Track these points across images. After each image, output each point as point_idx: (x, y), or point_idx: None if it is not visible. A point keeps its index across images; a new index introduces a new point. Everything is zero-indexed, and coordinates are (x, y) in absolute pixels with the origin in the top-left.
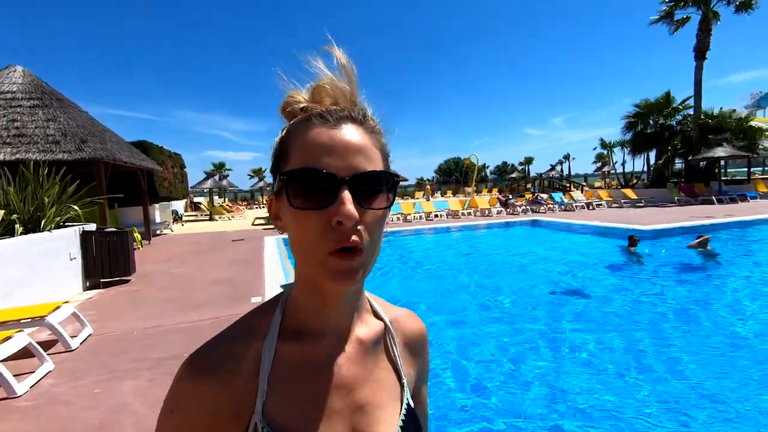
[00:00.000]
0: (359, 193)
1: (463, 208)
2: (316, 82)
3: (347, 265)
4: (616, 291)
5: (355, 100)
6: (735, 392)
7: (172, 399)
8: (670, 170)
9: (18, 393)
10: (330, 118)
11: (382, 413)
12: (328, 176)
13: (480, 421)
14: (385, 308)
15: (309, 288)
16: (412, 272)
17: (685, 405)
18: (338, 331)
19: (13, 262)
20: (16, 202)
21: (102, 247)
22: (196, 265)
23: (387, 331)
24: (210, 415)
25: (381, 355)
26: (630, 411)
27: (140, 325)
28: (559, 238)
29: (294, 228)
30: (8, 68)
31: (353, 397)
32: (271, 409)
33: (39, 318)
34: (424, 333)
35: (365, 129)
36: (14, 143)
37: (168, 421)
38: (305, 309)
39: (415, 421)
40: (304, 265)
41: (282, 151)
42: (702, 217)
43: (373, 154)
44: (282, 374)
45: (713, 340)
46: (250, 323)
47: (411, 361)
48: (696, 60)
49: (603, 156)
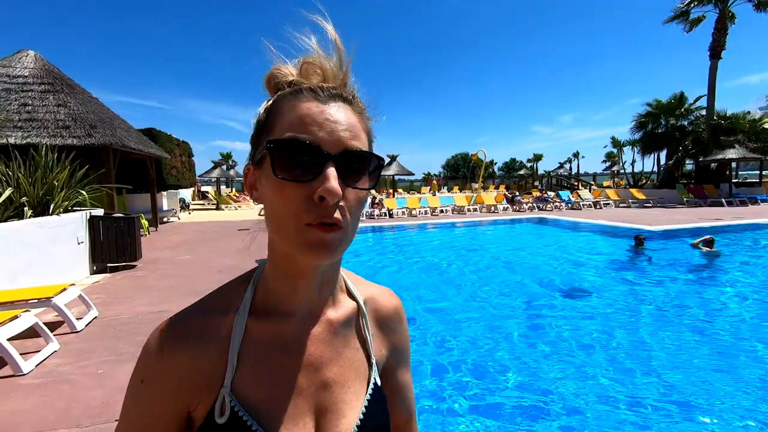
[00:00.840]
0: (344, 170)
1: (468, 204)
2: (304, 58)
3: (325, 238)
4: (619, 289)
5: (346, 80)
6: (731, 394)
7: (142, 368)
8: (680, 171)
9: (24, 371)
10: (321, 94)
11: (348, 392)
12: (316, 150)
13: (485, 411)
14: (361, 286)
15: (281, 265)
16: (412, 266)
17: (684, 397)
18: (308, 311)
19: (22, 244)
20: (26, 185)
21: (109, 232)
22: (202, 253)
23: (359, 311)
24: (177, 385)
25: (351, 335)
26: (625, 405)
27: (145, 309)
28: (565, 236)
29: (274, 198)
30: (20, 53)
31: (319, 375)
32: (238, 383)
33: (45, 299)
34: (399, 310)
35: (354, 110)
36: (25, 127)
37: (137, 391)
38: (276, 286)
39: (382, 401)
40: (278, 238)
41: (268, 119)
42: (710, 219)
43: (361, 134)
44: (251, 350)
45: (716, 339)
46: (222, 298)
47: (384, 339)
48: (711, 59)
49: (613, 155)
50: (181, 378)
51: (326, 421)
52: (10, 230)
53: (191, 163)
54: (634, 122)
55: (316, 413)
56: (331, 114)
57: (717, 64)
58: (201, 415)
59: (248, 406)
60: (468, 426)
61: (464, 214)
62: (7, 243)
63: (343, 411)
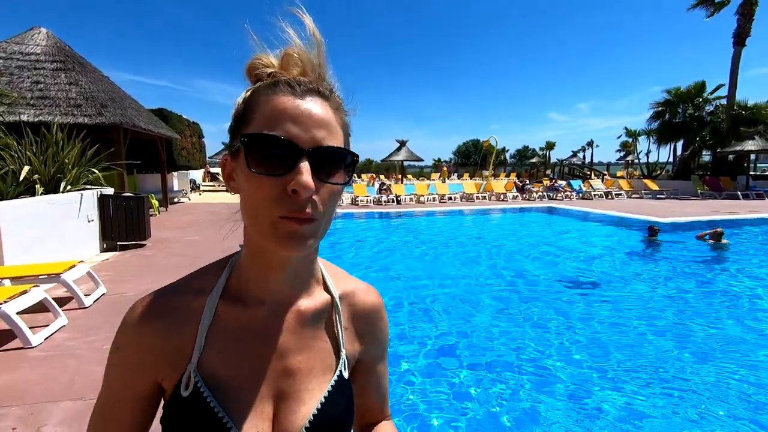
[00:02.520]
0: (318, 166)
1: (478, 192)
2: (285, 50)
3: (297, 230)
4: (628, 281)
5: (324, 74)
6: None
7: (118, 338)
8: (696, 162)
9: (32, 344)
10: (297, 88)
11: (311, 381)
12: (289, 145)
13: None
14: (340, 281)
15: (255, 254)
16: (416, 252)
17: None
18: (278, 299)
19: (33, 221)
20: (37, 163)
21: (119, 210)
22: (211, 234)
23: (333, 305)
24: (148, 356)
25: (321, 327)
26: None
27: (152, 287)
28: (575, 226)
29: (248, 190)
30: (32, 30)
31: (284, 363)
32: (205, 361)
33: (55, 275)
34: (378, 306)
35: (331, 105)
36: (38, 105)
37: (113, 358)
38: (249, 274)
39: (346, 392)
40: (252, 229)
41: (245, 112)
42: (724, 212)
43: (336, 130)
44: (219, 332)
45: (729, 332)
46: (198, 279)
47: (359, 334)
48: (734, 47)
49: (627, 144)
50: (150, 350)
51: (285, 406)
52: (22, 206)
53: (201, 144)
54: (651, 111)
55: (277, 398)
56: (306, 109)
57: (741, 51)
58: (169, 387)
59: (211, 385)
60: (474, 410)
61: (473, 202)
62: (18, 219)
63: (303, 399)
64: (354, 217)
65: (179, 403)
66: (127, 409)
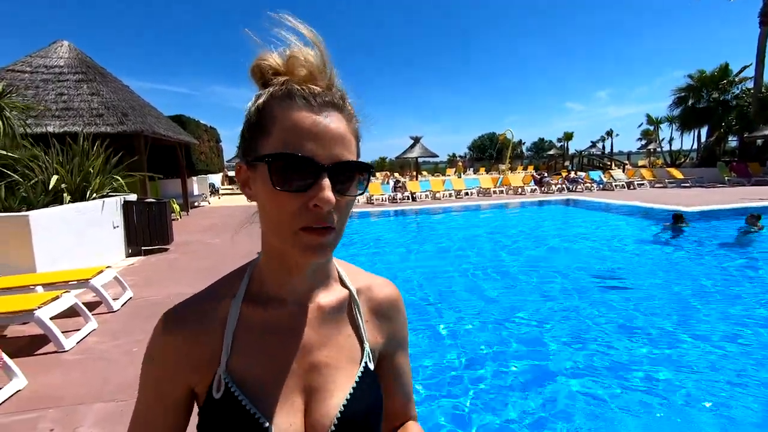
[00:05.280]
0: (336, 180)
1: (495, 186)
2: (290, 51)
3: (318, 240)
4: (654, 272)
5: (333, 80)
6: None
7: (150, 348)
8: (722, 148)
9: (66, 348)
10: (313, 102)
11: (338, 375)
12: (312, 163)
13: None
14: (355, 276)
15: (274, 258)
16: (431, 249)
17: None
18: (300, 298)
19: (61, 229)
20: (64, 172)
21: (142, 216)
22: (231, 237)
23: (351, 299)
24: (180, 362)
25: (343, 321)
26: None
27: (177, 291)
28: (595, 218)
29: (270, 205)
30: (56, 43)
31: (310, 358)
32: (233, 364)
33: (84, 280)
34: (395, 300)
35: (344, 116)
36: (62, 116)
37: (147, 367)
38: (269, 276)
39: (373, 383)
40: (273, 237)
41: (261, 122)
42: (754, 199)
43: (351, 143)
44: (245, 333)
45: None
46: (221, 285)
47: (380, 327)
48: (760, 27)
49: (649, 133)
50: (181, 357)
51: (315, 400)
52: (51, 215)
53: (219, 149)
54: (673, 96)
55: (306, 393)
56: (324, 126)
57: (767, 31)
58: (202, 392)
59: (242, 385)
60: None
61: (490, 197)
62: (49, 228)
63: (331, 391)
64: (370, 216)
65: (213, 406)
66: (162, 416)
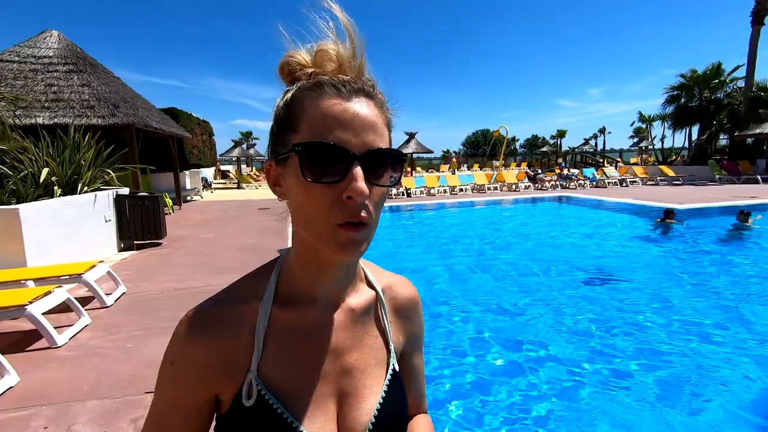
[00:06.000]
0: (369, 169)
1: (489, 183)
2: (318, 45)
3: (354, 237)
4: (644, 268)
5: (363, 69)
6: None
7: (172, 352)
8: (713, 147)
9: (58, 344)
10: (343, 90)
11: (368, 377)
12: (343, 151)
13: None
14: (378, 275)
15: (306, 256)
16: (427, 246)
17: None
18: (330, 299)
19: (52, 222)
20: (54, 165)
21: (135, 210)
22: (224, 231)
23: (378, 300)
24: (205, 369)
25: (371, 323)
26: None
27: (171, 286)
28: (588, 215)
29: (302, 199)
30: (44, 33)
31: (341, 362)
32: (264, 368)
33: (77, 275)
34: (415, 298)
35: (375, 103)
36: (52, 107)
37: (168, 372)
38: (300, 276)
39: (401, 386)
40: (306, 233)
41: (289, 116)
42: (745, 197)
43: (383, 130)
44: (275, 336)
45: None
46: (247, 286)
47: (401, 327)
48: (752, 26)
49: (641, 130)
50: (206, 362)
51: (348, 405)
52: (42, 208)
53: (212, 143)
54: (665, 95)
55: (338, 398)
56: (354, 112)
57: (759, 30)
58: (228, 398)
59: (274, 390)
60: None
61: (484, 193)
62: (39, 221)
63: (364, 395)
64: None
65: (242, 413)
66: (181, 423)
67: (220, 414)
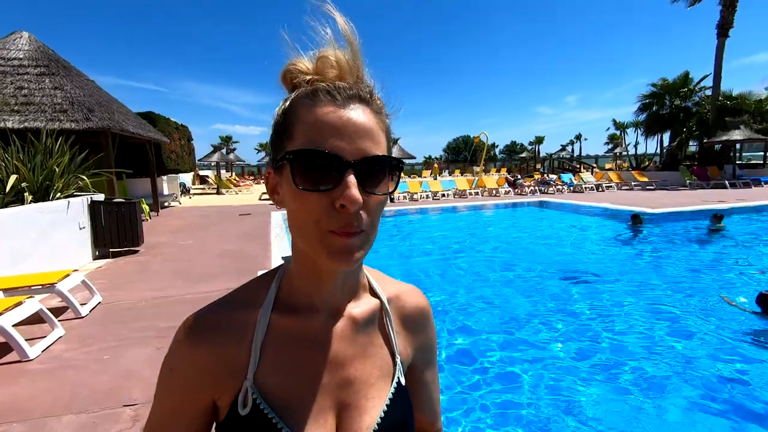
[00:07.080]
0: (364, 177)
1: (470, 188)
2: (319, 52)
3: (346, 244)
4: (619, 272)
5: (361, 75)
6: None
7: (171, 358)
8: (683, 153)
9: (30, 356)
10: (338, 96)
11: (371, 389)
12: (335, 158)
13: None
14: (385, 284)
15: (305, 264)
16: (412, 251)
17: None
18: (331, 308)
19: (22, 230)
20: (25, 171)
21: (110, 217)
22: (204, 238)
23: (383, 309)
24: (204, 375)
25: (375, 333)
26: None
27: (148, 294)
28: (567, 219)
29: (295, 206)
30: (14, 34)
31: (342, 372)
32: (262, 376)
33: (50, 285)
34: (424, 309)
35: (372, 109)
36: (22, 111)
37: (167, 378)
38: (300, 284)
39: (406, 399)
40: (301, 241)
41: (286, 124)
42: (713, 201)
43: (379, 137)
44: (274, 345)
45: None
46: (248, 293)
47: (409, 338)
48: (718, 38)
49: (616, 137)
50: (206, 369)
51: (348, 417)
52: (12, 216)
53: (191, 147)
54: (638, 103)
55: (338, 409)
56: (348, 119)
57: (724, 42)
58: (225, 405)
59: (270, 400)
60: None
61: (466, 198)
62: (8, 229)
63: (365, 407)
64: None
65: (237, 422)
66: (180, 430)
67: (218, 422)
